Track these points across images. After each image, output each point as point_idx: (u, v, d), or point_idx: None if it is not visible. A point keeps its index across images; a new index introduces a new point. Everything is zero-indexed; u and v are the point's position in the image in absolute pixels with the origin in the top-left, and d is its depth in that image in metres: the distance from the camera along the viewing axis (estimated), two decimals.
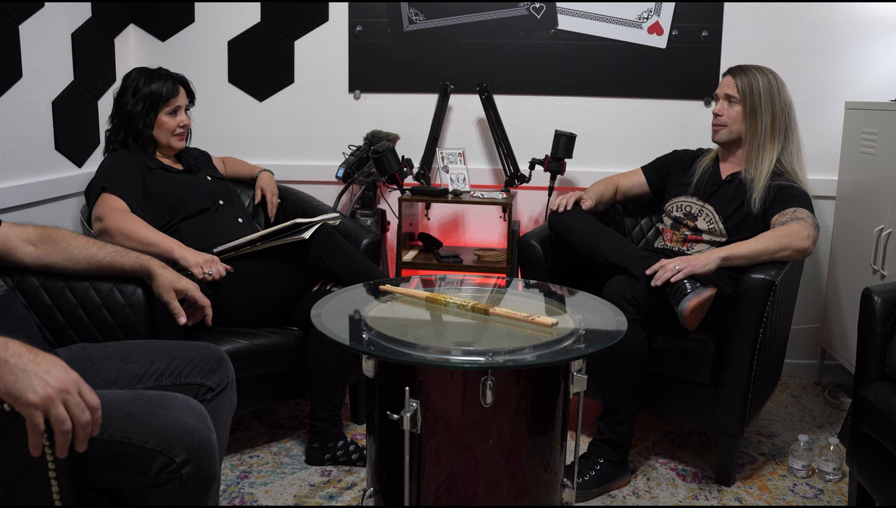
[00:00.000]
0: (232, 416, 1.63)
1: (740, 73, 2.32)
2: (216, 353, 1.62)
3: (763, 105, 2.28)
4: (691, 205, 2.38)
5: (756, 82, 2.29)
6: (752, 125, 2.30)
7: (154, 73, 2.35)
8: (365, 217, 2.83)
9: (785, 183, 2.25)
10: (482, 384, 1.43)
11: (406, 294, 1.84)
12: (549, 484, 1.59)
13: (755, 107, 2.29)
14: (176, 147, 2.39)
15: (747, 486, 2.16)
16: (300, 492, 2.08)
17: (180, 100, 2.36)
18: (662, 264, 2.05)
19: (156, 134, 2.34)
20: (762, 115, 2.28)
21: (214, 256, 2.10)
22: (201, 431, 1.28)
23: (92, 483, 1.23)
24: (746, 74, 2.31)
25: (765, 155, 2.29)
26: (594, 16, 2.89)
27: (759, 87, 2.28)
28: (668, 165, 2.55)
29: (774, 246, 2.08)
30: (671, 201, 2.45)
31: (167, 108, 2.33)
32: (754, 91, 2.28)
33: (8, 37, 2.28)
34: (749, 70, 2.32)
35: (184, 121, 2.37)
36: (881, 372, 1.79)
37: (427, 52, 2.98)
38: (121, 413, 1.25)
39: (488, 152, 3.06)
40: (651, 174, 2.57)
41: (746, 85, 2.29)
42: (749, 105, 2.29)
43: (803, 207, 2.18)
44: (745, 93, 2.29)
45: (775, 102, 2.29)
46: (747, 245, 2.09)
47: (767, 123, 2.29)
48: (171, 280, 1.70)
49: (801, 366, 3.00)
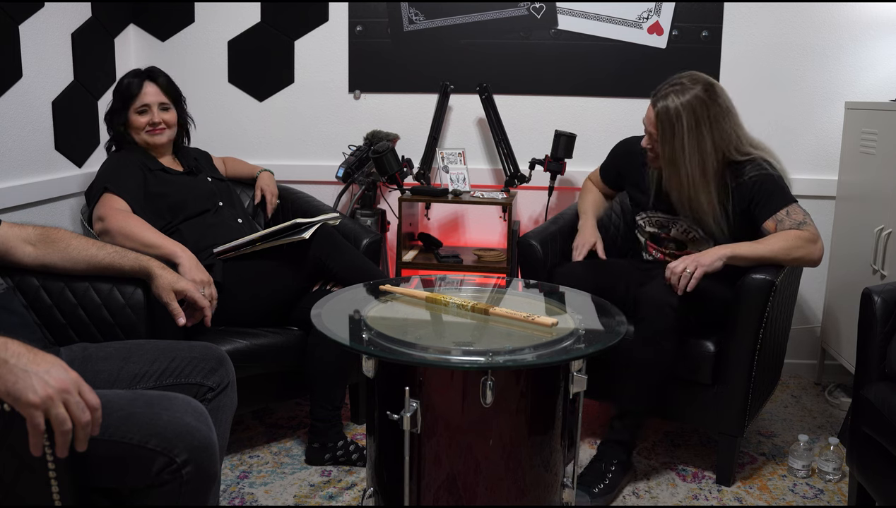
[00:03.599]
0: (232, 416, 1.63)
1: (661, 103, 2.06)
2: (217, 353, 1.62)
3: (687, 151, 2.04)
4: (659, 218, 2.31)
5: (678, 122, 2.03)
6: (674, 174, 2.10)
7: (133, 71, 2.37)
8: (365, 217, 2.83)
9: (753, 174, 2.09)
10: (482, 384, 1.44)
11: (406, 294, 1.84)
12: (549, 484, 1.59)
13: (675, 155, 2.07)
14: (152, 142, 2.35)
15: (747, 486, 2.16)
16: (300, 492, 2.09)
17: (148, 97, 2.33)
18: (672, 272, 2.01)
19: (130, 131, 2.35)
20: (686, 164, 2.06)
21: (212, 279, 2.09)
22: (202, 431, 1.28)
23: (92, 484, 1.23)
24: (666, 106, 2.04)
25: (699, 201, 2.11)
26: (594, 16, 2.89)
27: (682, 130, 2.03)
28: (619, 164, 2.46)
29: (783, 257, 2.03)
30: (639, 215, 2.37)
31: (135, 106, 2.32)
32: (675, 135, 2.04)
33: (8, 37, 2.28)
34: (671, 97, 2.04)
35: (154, 118, 2.33)
36: (881, 372, 1.79)
37: (427, 52, 2.98)
38: (121, 413, 1.25)
39: (488, 152, 3.06)
40: (607, 177, 2.54)
41: (666, 124, 2.05)
42: (667, 152, 2.08)
43: (794, 204, 2.09)
44: (663, 137, 2.07)
45: (704, 144, 2.04)
46: (753, 248, 2.03)
47: (694, 171, 2.06)
48: (170, 281, 1.69)
49: (801, 366, 3.00)
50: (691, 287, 1.98)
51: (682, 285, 1.99)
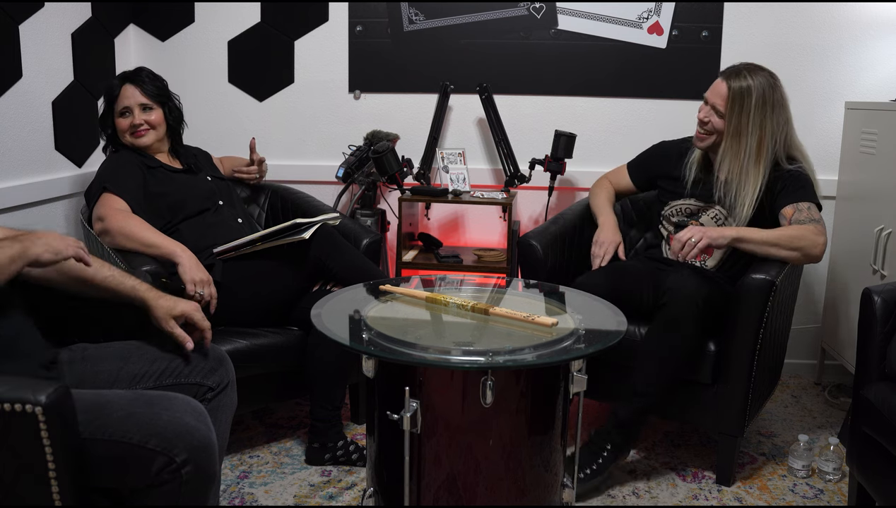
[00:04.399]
0: (232, 416, 1.63)
1: (733, 81, 2.15)
2: (216, 353, 1.61)
3: (751, 127, 2.13)
4: (690, 206, 2.34)
5: (748, 98, 2.12)
6: (734, 146, 2.17)
7: (120, 74, 2.37)
8: (365, 217, 2.83)
9: (793, 168, 2.17)
10: (482, 384, 1.43)
11: (406, 294, 1.84)
12: (549, 484, 1.59)
13: (740, 128, 2.14)
14: (138, 144, 2.33)
15: (747, 486, 2.16)
16: (300, 492, 2.09)
17: (126, 100, 2.31)
18: (678, 240, 2.06)
19: (118, 135, 2.35)
20: (748, 139, 2.14)
21: (211, 279, 2.09)
22: (201, 431, 1.28)
23: (92, 484, 1.23)
24: (740, 84, 2.14)
25: (748, 180, 2.16)
26: (594, 16, 2.89)
27: (750, 105, 2.12)
28: (652, 162, 2.50)
29: (787, 244, 2.06)
30: (669, 205, 2.39)
31: (117, 109, 2.32)
32: (743, 109, 2.13)
33: (8, 37, 2.28)
34: (744, 76, 2.15)
35: (135, 120, 2.31)
36: (881, 372, 1.79)
37: (427, 52, 2.98)
38: (121, 413, 1.25)
39: (488, 152, 3.06)
40: (636, 175, 2.55)
41: (737, 99, 2.13)
42: (734, 125, 2.15)
43: (815, 203, 2.14)
44: (731, 110, 2.14)
45: (766, 124, 2.14)
46: (760, 233, 2.09)
47: (753, 147, 2.14)
48: (167, 308, 1.59)
49: (801, 366, 3.00)
50: (693, 255, 2.04)
51: (686, 253, 2.04)
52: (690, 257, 2.06)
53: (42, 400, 1.09)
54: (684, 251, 2.05)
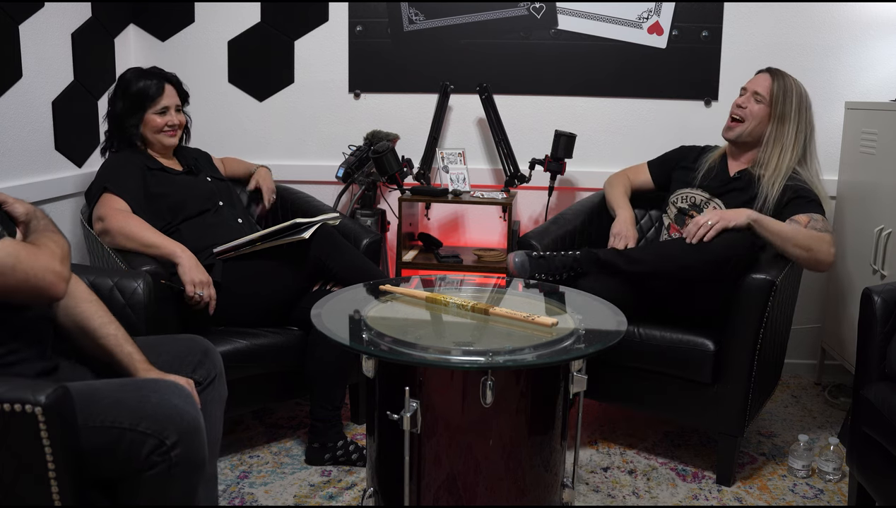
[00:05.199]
0: (223, 409, 1.63)
1: (778, 76, 2.30)
2: (201, 345, 1.61)
3: (793, 114, 2.28)
4: (695, 197, 2.38)
5: (791, 90, 2.28)
6: (779, 130, 2.29)
7: (144, 72, 2.35)
8: (365, 217, 2.83)
9: (802, 183, 2.25)
10: (482, 384, 1.44)
11: (406, 294, 1.84)
12: (549, 484, 1.59)
13: (785, 114, 2.28)
14: (167, 144, 2.36)
15: (747, 486, 2.16)
16: (300, 492, 2.08)
17: (167, 99, 2.33)
18: (696, 222, 2.12)
19: (144, 132, 2.33)
20: (790, 123, 2.28)
21: (211, 279, 2.09)
22: (190, 413, 1.30)
23: (86, 474, 1.23)
24: (784, 79, 2.30)
25: (784, 160, 2.28)
26: (594, 16, 2.89)
27: (793, 95, 2.28)
28: (673, 161, 2.57)
29: (802, 242, 2.09)
30: (676, 193, 2.45)
31: (155, 107, 2.31)
32: (787, 97, 2.28)
33: (8, 37, 2.28)
34: (787, 76, 2.31)
35: (173, 120, 2.34)
36: (881, 372, 1.79)
37: (427, 52, 2.98)
38: (110, 399, 1.26)
39: (488, 152, 3.06)
40: (656, 172, 2.59)
41: (781, 89, 2.28)
42: (780, 110, 2.28)
43: (827, 222, 2.19)
44: (777, 98, 2.28)
45: (802, 115, 2.29)
46: (778, 224, 2.13)
47: (792, 133, 2.28)
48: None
49: (801, 366, 3.00)
50: (708, 238, 2.08)
51: (701, 235, 2.09)
52: (708, 238, 2.09)
53: (42, 400, 1.09)
54: (700, 232, 2.09)
